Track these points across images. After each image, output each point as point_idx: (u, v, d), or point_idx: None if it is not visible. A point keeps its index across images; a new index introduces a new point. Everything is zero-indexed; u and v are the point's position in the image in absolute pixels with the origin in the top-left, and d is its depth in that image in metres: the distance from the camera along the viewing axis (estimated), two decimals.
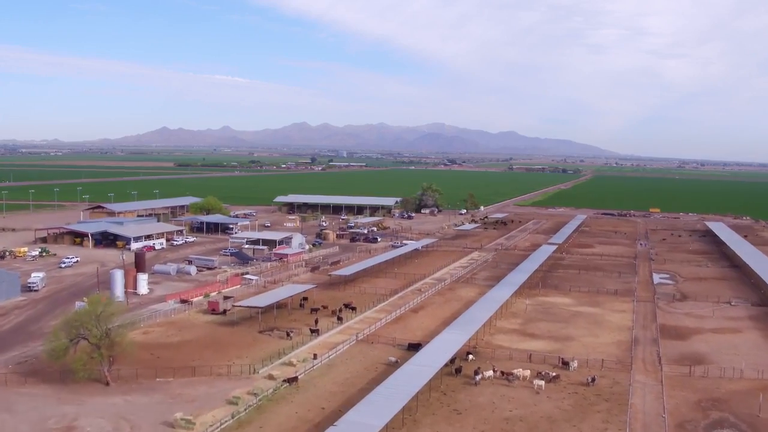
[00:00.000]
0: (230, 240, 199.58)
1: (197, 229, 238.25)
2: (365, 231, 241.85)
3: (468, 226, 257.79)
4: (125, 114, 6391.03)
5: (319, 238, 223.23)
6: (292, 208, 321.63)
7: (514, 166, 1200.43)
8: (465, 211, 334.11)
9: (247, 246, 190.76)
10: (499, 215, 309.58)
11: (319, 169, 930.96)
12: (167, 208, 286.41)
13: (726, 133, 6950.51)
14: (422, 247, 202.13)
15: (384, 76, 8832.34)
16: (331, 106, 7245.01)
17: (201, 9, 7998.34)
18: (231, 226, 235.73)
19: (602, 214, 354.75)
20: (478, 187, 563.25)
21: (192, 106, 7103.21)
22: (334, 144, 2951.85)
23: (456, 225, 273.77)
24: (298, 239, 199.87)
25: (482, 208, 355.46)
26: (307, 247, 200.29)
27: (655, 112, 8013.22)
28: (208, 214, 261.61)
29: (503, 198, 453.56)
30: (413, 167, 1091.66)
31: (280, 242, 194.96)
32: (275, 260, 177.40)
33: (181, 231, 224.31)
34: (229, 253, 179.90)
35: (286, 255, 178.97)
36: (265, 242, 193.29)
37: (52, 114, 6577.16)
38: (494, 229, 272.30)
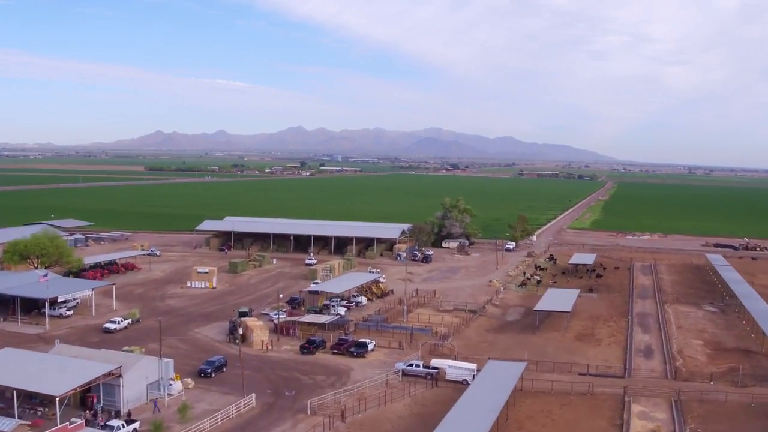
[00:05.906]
0: None
1: None
2: (342, 311, 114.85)
3: (559, 301, 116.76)
4: (122, 118, 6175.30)
5: (230, 344, 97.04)
6: (227, 240, 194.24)
7: (524, 172, 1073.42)
8: (514, 244, 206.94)
9: None
10: (585, 258, 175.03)
11: (307, 174, 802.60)
12: None
13: (728, 139, 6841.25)
14: (489, 390, 74.60)
15: (383, 80, 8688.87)
16: (328, 111, 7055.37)
17: (206, 14, 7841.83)
18: (63, 300, 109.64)
19: (716, 246, 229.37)
20: (498, 198, 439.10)
21: (189, 111, 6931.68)
22: (330, 148, 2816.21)
23: (519, 284, 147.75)
24: (143, 371, 73.30)
25: (535, 237, 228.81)
26: (175, 391, 74.64)
27: (655, 118, 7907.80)
28: (41, 264, 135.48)
29: (544, 214, 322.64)
30: (413, 172, 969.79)
31: (87, 391, 68.51)
32: None
33: None
34: None
35: None
36: (36, 399, 66.28)
37: (49, 118, 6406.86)
38: (590, 291, 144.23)
